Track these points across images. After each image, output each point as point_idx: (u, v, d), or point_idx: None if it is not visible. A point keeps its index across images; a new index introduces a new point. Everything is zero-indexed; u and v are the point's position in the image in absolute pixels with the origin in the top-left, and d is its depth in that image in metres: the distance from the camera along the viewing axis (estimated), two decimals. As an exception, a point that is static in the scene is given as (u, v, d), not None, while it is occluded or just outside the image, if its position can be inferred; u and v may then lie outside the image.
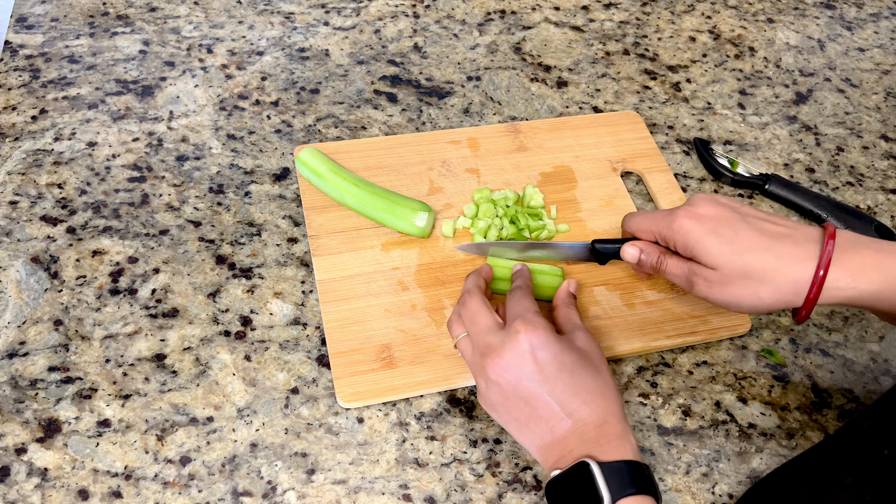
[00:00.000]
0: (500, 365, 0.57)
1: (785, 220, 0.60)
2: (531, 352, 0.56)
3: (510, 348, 0.57)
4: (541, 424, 0.56)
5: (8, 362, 0.65)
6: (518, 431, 0.58)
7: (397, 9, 1.00)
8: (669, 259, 0.64)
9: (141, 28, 0.93)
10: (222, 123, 0.84)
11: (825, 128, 0.93)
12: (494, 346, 0.58)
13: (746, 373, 0.71)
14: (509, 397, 0.57)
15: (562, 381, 0.56)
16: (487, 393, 0.58)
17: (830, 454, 0.55)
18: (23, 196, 0.76)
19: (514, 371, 0.56)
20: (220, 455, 0.62)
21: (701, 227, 0.59)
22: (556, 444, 0.55)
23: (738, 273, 0.58)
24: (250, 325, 0.69)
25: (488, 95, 0.91)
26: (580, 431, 0.55)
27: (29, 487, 0.59)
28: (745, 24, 1.05)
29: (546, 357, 0.56)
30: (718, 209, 0.60)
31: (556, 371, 0.56)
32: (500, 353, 0.57)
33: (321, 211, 0.76)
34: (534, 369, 0.56)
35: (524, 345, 0.56)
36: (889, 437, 0.49)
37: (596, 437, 0.54)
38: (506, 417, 0.58)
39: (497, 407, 0.58)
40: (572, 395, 0.56)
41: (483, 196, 0.77)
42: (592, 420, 0.55)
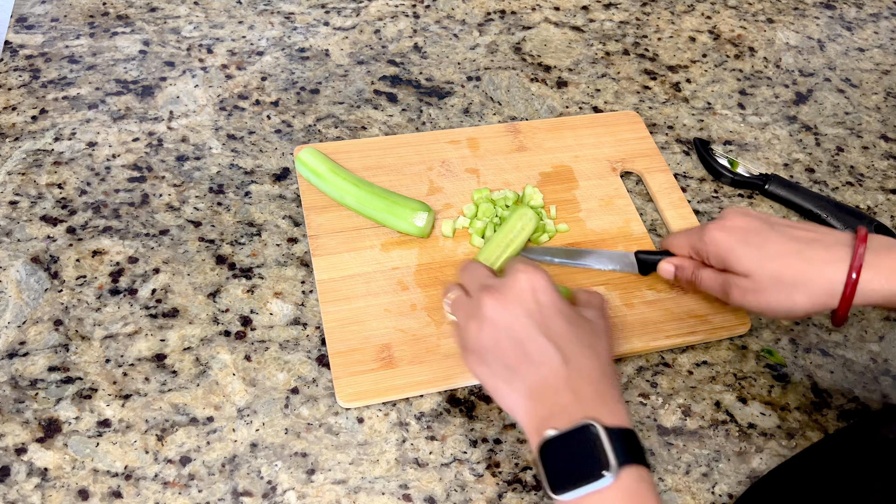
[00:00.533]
0: (498, 301, 0.55)
1: (814, 227, 0.61)
2: (531, 290, 0.55)
3: (510, 285, 0.56)
4: (532, 368, 0.53)
5: (8, 362, 0.65)
6: (505, 380, 0.55)
7: (397, 9, 1.00)
8: (703, 272, 0.66)
9: (141, 28, 0.93)
10: (222, 123, 0.84)
11: (825, 128, 0.93)
12: (494, 284, 0.57)
13: (746, 373, 0.71)
14: (501, 339, 0.55)
15: (558, 325, 0.54)
16: (479, 336, 0.56)
17: (831, 452, 0.55)
18: (23, 196, 0.76)
19: (513, 308, 0.55)
20: (220, 455, 0.62)
21: (731, 238, 0.62)
22: (547, 392, 0.53)
23: (770, 279, 0.59)
24: (250, 325, 0.69)
25: (488, 95, 0.91)
26: (575, 385, 0.52)
27: (29, 487, 0.59)
28: (744, 25, 1.05)
29: (545, 299, 0.55)
30: (747, 220, 0.62)
31: (553, 314, 0.55)
32: (499, 289, 0.56)
33: (321, 211, 0.76)
34: (532, 308, 0.55)
35: (524, 283, 0.55)
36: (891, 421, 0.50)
37: (592, 397, 0.52)
38: (494, 366, 0.55)
39: (486, 354, 0.55)
40: (568, 342, 0.54)
41: (482, 196, 0.77)
42: (588, 373, 0.53)
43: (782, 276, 0.59)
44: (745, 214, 0.63)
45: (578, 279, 0.74)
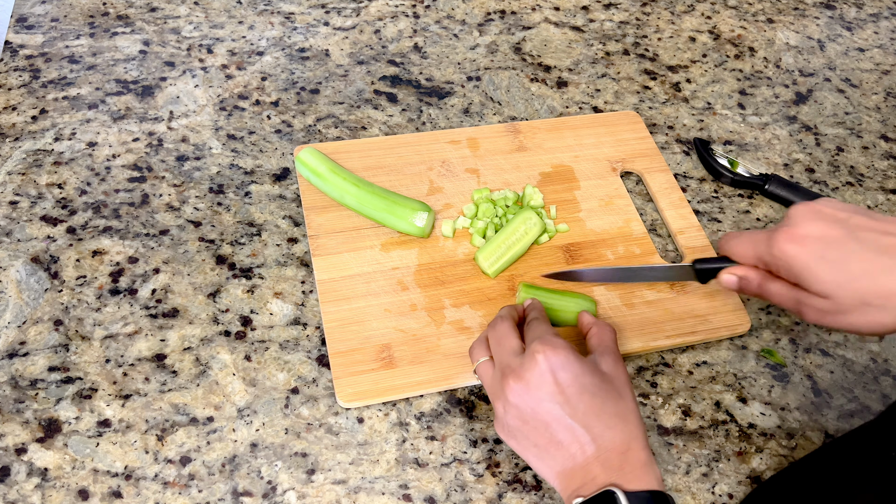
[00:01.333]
0: (519, 386, 0.55)
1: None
2: (551, 372, 0.54)
3: (529, 369, 0.55)
4: (561, 450, 0.54)
5: (8, 362, 0.65)
6: (537, 457, 0.55)
7: (397, 9, 1.00)
8: (773, 286, 0.58)
9: (141, 28, 0.93)
10: (222, 123, 0.84)
11: (825, 128, 0.93)
12: (514, 368, 0.56)
13: (746, 373, 0.71)
14: (528, 421, 0.55)
15: (583, 404, 0.54)
16: (505, 417, 0.56)
17: (836, 458, 0.55)
18: (23, 196, 0.76)
19: (534, 392, 0.54)
20: (220, 455, 0.62)
21: (806, 253, 0.53)
22: (577, 471, 0.53)
23: (854, 301, 0.52)
24: (250, 325, 0.69)
25: (488, 95, 0.91)
26: (604, 458, 0.53)
27: (29, 487, 0.59)
28: (745, 25, 1.05)
29: (566, 378, 0.54)
30: (823, 227, 0.53)
31: (577, 393, 0.54)
32: (519, 373, 0.55)
33: (321, 211, 0.76)
34: (554, 390, 0.54)
35: (543, 365, 0.54)
36: None
37: (620, 465, 0.52)
38: (524, 443, 0.56)
39: (515, 432, 0.56)
40: (595, 418, 0.53)
41: (482, 196, 0.77)
42: (616, 446, 0.53)
43: (867, 299, 0.52)
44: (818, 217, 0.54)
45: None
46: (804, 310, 0.56)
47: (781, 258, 0.55)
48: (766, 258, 0.57)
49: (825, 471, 0.55)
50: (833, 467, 0.55)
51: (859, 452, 0.53)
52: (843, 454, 0.55)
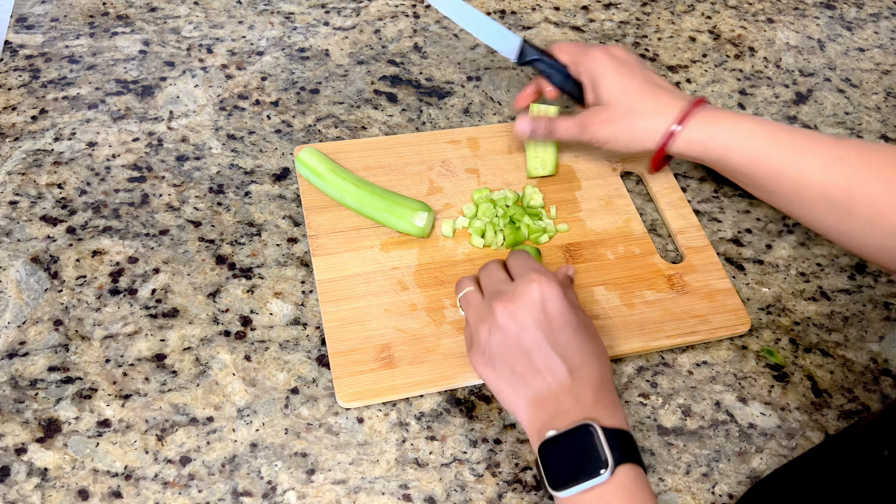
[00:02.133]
0: (509, 309, 0.57)
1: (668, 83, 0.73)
2: (542, 301, 0.57)
3: (522, 294, 0.57)
4: (538, 378, 0.56)
5: (8, 362, 0.65)
6: (511, 385, 0.57)
7: (397, 9, 1.00)
8: (557, 122, 0.74)
9: (141, 28, 0.93)
10: (222, 123, 0.84)
11: (825, 128, 0.93)
12: (506, 292, 0.58)
13: (746, 373, 0.71)
14: (510, 347, 0.57)
15: (565, 337, 0.56)
16: (489, 341, 0.58)
17: (831, 456, 0.55)
18: (23, 196, 0.76)
19: (523, 317, 0.56)
20: (220, 455, 0.62)
21: (611, 63, 0.72)
22: (550, 400, 0.55)
23: (623, 110, 0.70)
24: (250, 325, 0.69)
25: (488, 95, 0.91)
26: (577, 391, 0.55)
27: (29, 487, 0.59)
28: (745, 24, 1.05)
29: (554, 309, 0.57)
30: (627, 56, 0.73)
31: (562, 325, 0.57)
32: (511, 297, 0.57)
33: (321, 211, 0.76)
34: (542, 318, 0.56)
35: (536, 293, 0.57)
36: (891, 439, 0.49)
37: (592, 401, 0.54)
38: (501, 370, 0.58)
39: (494, 358, 0.58)
40: (574, 352, 0.56)
41: (482, 196, 0.77)
42: (591, 381, 0.55)
43: (633, 110, 0.70)
44: (625, 51, 0.74)
45: (579, 279, 0.74)
46: (587, 124, 0.72)
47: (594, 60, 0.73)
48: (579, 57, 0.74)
49: (821, 469, 0.55)
50: (828, 465, 0.55)
51: (853, 451, 0.53)
52: (837, 452, 0.55)
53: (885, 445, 0.49)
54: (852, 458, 0.52)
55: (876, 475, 0.49)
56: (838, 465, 0.53)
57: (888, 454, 0.48)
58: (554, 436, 0.53)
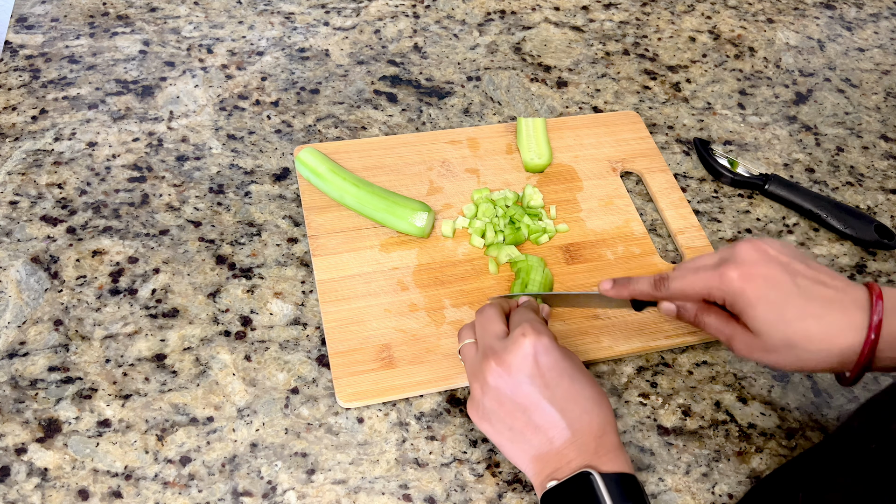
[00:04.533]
0: (500, 368, 0.56)
1: (833, 279, 0.56)
2: (534, 356, 0.56)
3: (513, 351, 0.56)
4: (538, 434, 0.55)
5: (8, 362, 0.65)
6: (511, 441, 0.57)
7: (397, 9, 1.00)
8: (708, 316, 0.61)
9: (141, 28, 0.93)
10: (222, 123, 0.84)
11: (825, 128, 0.93)
12: (497, 350, 0.57)
13: (746, 373, 0.71)
14: (505, 404, 0.56)
15: (562, 388, 0.55)
16: (483, 399, 0.57)
17: (823, 454, 0.55)
18: (23, 196, 0.76)
19: (515, 375, 0.56)
20: (220, 455, 0.62)
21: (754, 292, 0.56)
22: (553, 455, 0.55)
23: (783, 342, 0.56)
24: (250, 325, 0.69)
25: (488, 95, 0.91)
26: (580, 442, 0.54)
27: (29, 487, 0.59)
28: (745, 24, 1.05)
29: (548, 362, 0.56)
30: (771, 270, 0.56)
31: (556, 377, 0.56)
32: (502, 356, 0.56)
33: (321, 211, 0.76)
34: (535, 373, 0.55)
35: (528, 348, 0.56)
36: (876, 432, 0.49)
37: (595, 449, 0.54)
38: (499, 427, 0.57)
39: (491, 415, 0.57)
40: (573, 402, 0.55)
41: (482, 196, 0.77)
42: (592, 430, 0.55)
43: (795, 342, 0.55)
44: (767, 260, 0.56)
45: (579, 279, 0.73)
46: (734, 343, 0.59)
47: (730, 292, 0.57)
48: (714, 292, 0.58)
49: (816, 468, 0.55)
50: (822, 464, 0.55)
51: (843, 448, 0.53)
52: (830, 451, 0.55)
53: (870, 440, 0.49)
54: (843, 455, 0.52)
55: (865, 470, 0.49)
56: (831, 464, 0.53)
57: (875, 448, 0.49)
58: (554, 486, 0.53)
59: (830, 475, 0.52)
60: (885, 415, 0.51)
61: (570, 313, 0.71)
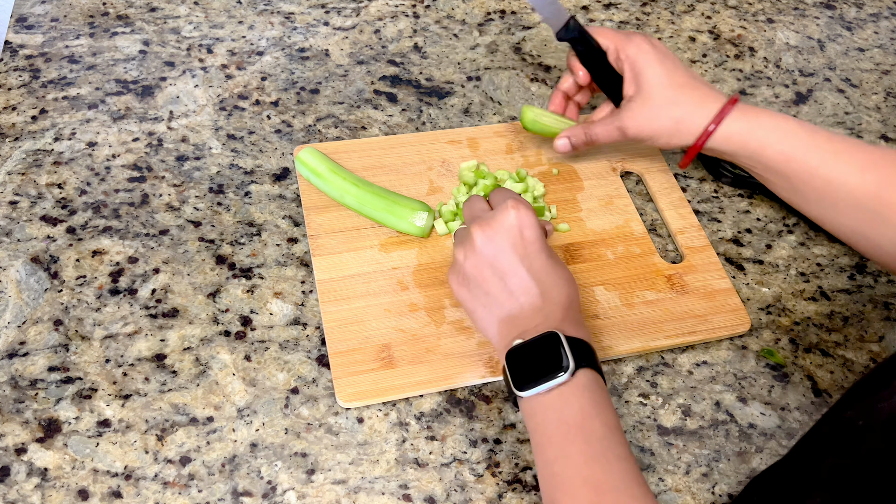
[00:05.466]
0: (486, 232, 0.59)
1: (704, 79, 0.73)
2: (518, 226, 0.59)
3: (500, 219, 0.60)
4: (511, 299, 0.59)
5: (8, 362, 0.65)
6: (484, 306, 0.60)
7: (397, 9, 1.00)
8: (595, 128, 0.74)
9: (141, 28, 0.93)
10: (222, 123, 0.84)
11: (825, 127, 0.93)
12: (485, 218, 0.61)
13: (746, 373, 0.71)
14: (485, 269, 0.59)
15: (539, 261, 0.59)
16: (465, 264, 0.60)
17: (811, 440, 0.55)
18: (23, 196, 0.76)
19: (499, 240, 0.59)
20: (220, 455, 0.62)
21: (655, 52, 0.71)
22: (522, 318, 0.58)
23: (665, 99, 0.70)
24: (250, 325, 0.69)
25: (488, 95, 0.91)
26: (548, 310, 0.58)
27: (29, 487, 0.59)
28: (745, 24, 1.05)
29: (530, 235, 0.59)
30: (665, 48, 0.73)
31: (536, 251, 0.59)
32: (488, 221, 0.60)
33: (321, 211, 0.76)
34: (518, 243, 0.59)
35: (513, 219, 0.59)
36: (863, 411, 0.50)
37: (561, 318, 0.57)
38: (476, 292, 0.60)
39: (470, 280, 0.60)
40: (546, 275, 0.59)
41: (469, 166, 0.80)
42: (560, 301, 0.58)
43: (678, 101, 0.69)
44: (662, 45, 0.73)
45: (579, 279, 0.74)
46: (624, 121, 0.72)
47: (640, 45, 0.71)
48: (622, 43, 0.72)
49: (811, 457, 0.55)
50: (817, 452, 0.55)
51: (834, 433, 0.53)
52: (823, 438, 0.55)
53: (857, 418, 0.50)
54: (833, 437, 0.52)
55: (854, 448, 0.49)
56: (823, 445, 0.53)
57: (862, 424, 0.49)
58: (521, 343, 0.56)
59: (817, 458, 0.52)
60: (872, 394, 0.51)
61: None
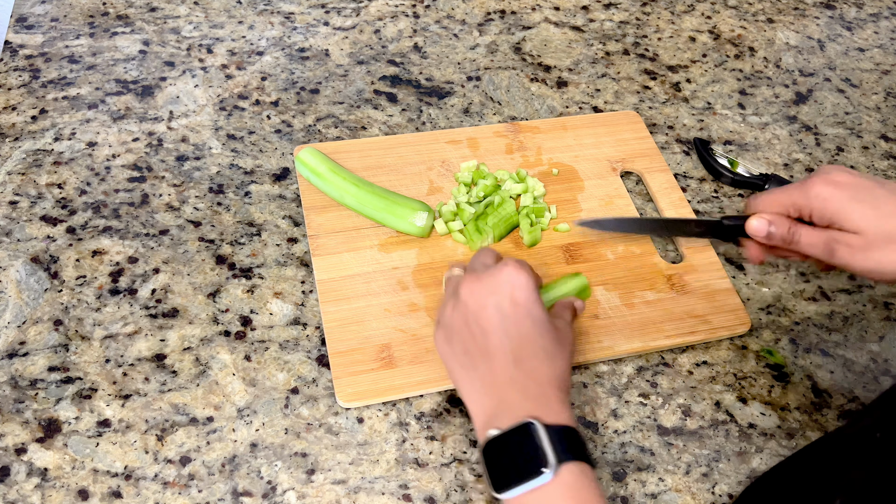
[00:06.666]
0: (475, 286, 0.57)
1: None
2: (510, 285, 0.56)
3: (493, 275, 0.57)
4: (487, 361, 0.55)
5: (8, 362, 0.65)
6: (463, 367, 0.57)
7: (397, 9, 1.00)
8: (803, 229, 0.62)
9: (141, 28, 0.93)
10: (222, 123, 0.84)
11: (825, 128, 0.93)
12: (479, 271, 0.58)
13: (746, 373, 0.71)
14: (469, 323, 0.56)
15: (524, 328, 0.55)
16: (452, 316, 0.58)
17: (828, 450, 0.55)
18: (23, 196, 0.76)
19: (486, 295, 0.56)
20: (220, 455, 0.62)
21: (841, 194, 0.59)
22: (495, 390, 0.54)
23: (884, 237, 0.57)
24: (250, 325, 0.69)
25: (488, 95, 0.91)
26: (523, 384, 0.53)
27: (29, 487, 0.59)
28: (745, 24, 1.05)
29: (520, 297, 0.56)
30: (853, 177, 0.60)
31: (523, 315, 0.56)
32: (480, 276, 0.57)
33: (321, 211, 0.76)
34: (505, 303, 0.56)
35: (505, 277, 0.56)
36: (883, 423, 0.50)
37: (537, 396, 0.53)
38: (457, 348, 0.57)
39: (453, 335, 0.57)
40: (528, 345, 0.55)
41: (469, 166, 0.79)
42: (537, 377, 0.54)
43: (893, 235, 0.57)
44: (848, 171, 0.60)
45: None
46: (836, 248, 0.59)
47: (817, 199, 0.59)
48: (800, 202, 0.61)
49: (819, 461, 0.55)
50: (825, 458, 0.55)
51: (848, 440, 0.53)
52: (834, 444, 0.55)
53: (876, 429, 0.49)
54: (848, 447, 0.52)
55: (870, 458, 0.49)
56: (835, 456, 0.53)
57: (880, 437, 0.48)
58: (496, 435, 0.52)
59: (839, 468, 0.52)
60: (893, 407, 0.51)
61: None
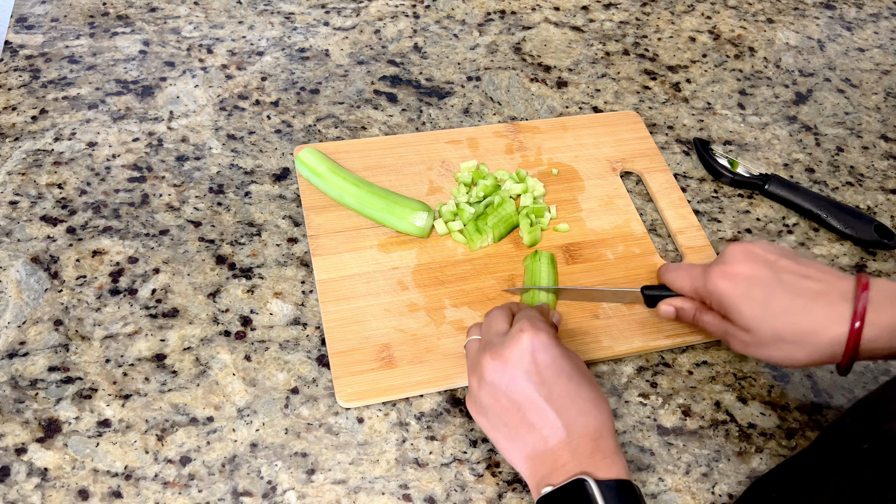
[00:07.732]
0: (496, 363, 0.55)
1: (823, 273, 0.58)
2: (531, 352, 0.55)
3: (510, 346, 0.55)
4: (532, 433, 0.54)
5: (8, 362, 0.65)
6: (506, 438, 0.56)
7: (397, 9, 1.00)
8: (706, 316, 0.63)
9: (141, 28, 0.93)
10: (222, 123, 0.84)
11: (825, 128, 0.93)
12: (495, 345, 0.57)
13: (746, 373, 0.71)
14: (500, 399, 0.55)
15: (559, 387, 0.55)
16: (479, 393, 0.57)
17: (815, 454, 0.55)
18: (23, 196, 0.76)
19: (511, 371, 0.55)
20: (220, 455, 0.62)
21: (735, 289, 0.59)
22: (547, 456, 0.54)
23: (771, 336, 0.57)
24: (250, 325, 0.69)
25: (488, 95, 0.91)
26: (575, 444, 0.53)
27: (29, 487, 0.59)
28: (744, 25, 1.05)
29: (545, 359, 0.55)
30: (753, 267, 0.59)
31: (554, 375, 0.55)
32: (499, 350, 0.56)
33: (321, 211, 0.76)
34: (531, 370, 0.55)
35: (525, 344, 0.55)
36: (870, 432, 0.49)
37: (590, 452, 0.53)
38: (495, 422, 0.56)
39: (487, 410, 0.56)
40: (570, 402, 0.54)
41: (469, 166, 0.79)
42: (588, 432, 0.54)
43: (784, 335, 0.57)
44: (750, 259, 0.59)
45: (579, 279, 0.73)
46: (731, 340, 0.61)
47: (714, 292, 0.60)
48: (700, 291, 0.62)
49: (812, 466, 0.55)
50: (817, 463, 0.55)
51: (836, 448, 0.53)
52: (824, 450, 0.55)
53: (863, 439, 0.49)
54: (837, 455, 0.52)
55: (859, 470, 0.48)
56: (821, 465, 0.53)
57: (868, 447, 0.48)
58: (549, 492, 0.52)
59: (820, 476, 0.52)
60: (879, 414, 0.50)
61: (569, 313, 0.71)
